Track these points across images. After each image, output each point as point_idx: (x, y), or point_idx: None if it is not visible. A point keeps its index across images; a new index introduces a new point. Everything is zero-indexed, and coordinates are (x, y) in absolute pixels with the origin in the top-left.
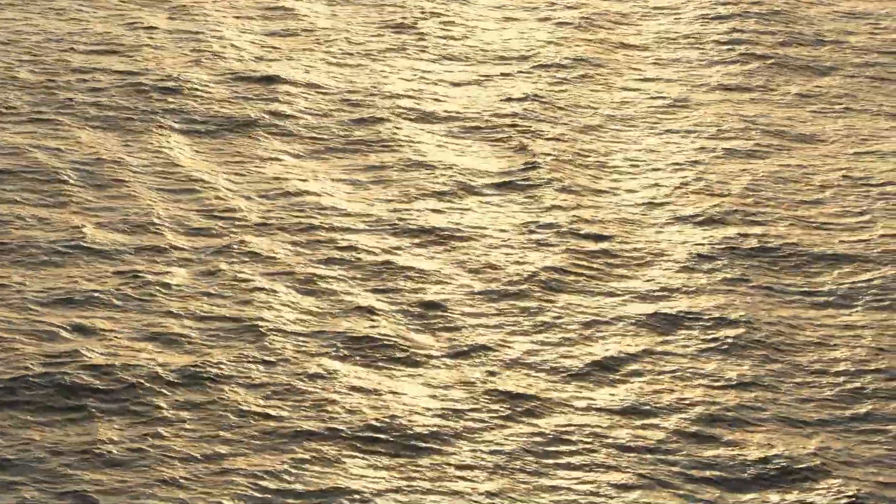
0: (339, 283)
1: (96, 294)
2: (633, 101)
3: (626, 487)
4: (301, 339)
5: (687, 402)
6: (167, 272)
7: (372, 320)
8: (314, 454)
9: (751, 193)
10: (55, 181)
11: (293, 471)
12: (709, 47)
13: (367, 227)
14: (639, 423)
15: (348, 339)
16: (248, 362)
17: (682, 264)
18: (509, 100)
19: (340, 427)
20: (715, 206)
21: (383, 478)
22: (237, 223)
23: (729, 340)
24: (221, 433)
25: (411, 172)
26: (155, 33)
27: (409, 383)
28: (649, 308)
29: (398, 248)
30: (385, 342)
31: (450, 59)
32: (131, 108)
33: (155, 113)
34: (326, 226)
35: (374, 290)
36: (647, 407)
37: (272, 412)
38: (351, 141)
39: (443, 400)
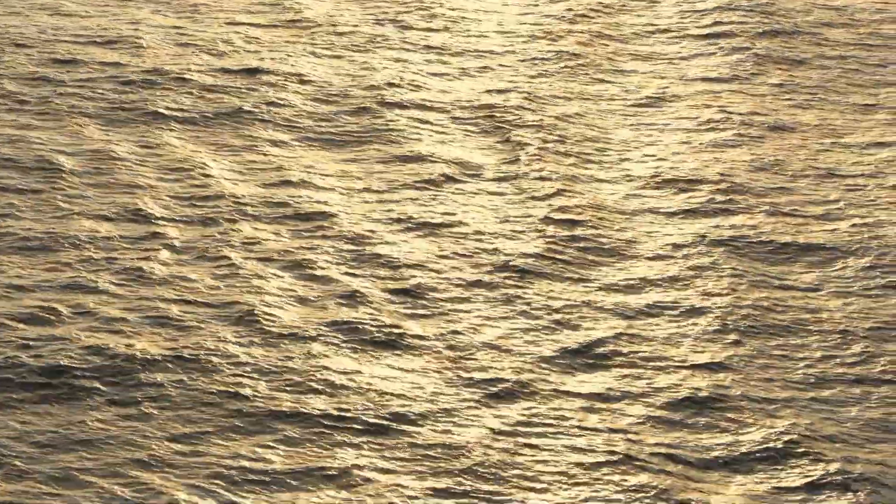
0: (320, 267)
1: (81, 277)
2: (613, 92)
3: (595, 467)
4: (280, 321)
5: (658, 385)
6: (152, 256)
7: (350, 304)
8: (290, 435)
9: (725, 183)
10: (43, 169)
11: (269, 451)
12: (688, 39)
13: (350, 214)
14: (610, 406)
15: (326, 323)
16: (227, 343)
17: (656, 252)
18: (491, 91)
19: (316, 408)
20: (690, 195)
21: (356, 458)
22: (223, 210)
23: (700, 326)
24: (199, 414)
25: (394, 161)
26: (142, 25)
27: (384, 366)
28: (623, 294)
29: (379, 234)
30: (362, 325)
31: (432, 50)
32: (119, 98)
33: (144, 101)
34: (310, 212)
35: (354, 275)
36: (619, 391)
37: (249, 393)
38: (335, 131)
39: (417, 382)
